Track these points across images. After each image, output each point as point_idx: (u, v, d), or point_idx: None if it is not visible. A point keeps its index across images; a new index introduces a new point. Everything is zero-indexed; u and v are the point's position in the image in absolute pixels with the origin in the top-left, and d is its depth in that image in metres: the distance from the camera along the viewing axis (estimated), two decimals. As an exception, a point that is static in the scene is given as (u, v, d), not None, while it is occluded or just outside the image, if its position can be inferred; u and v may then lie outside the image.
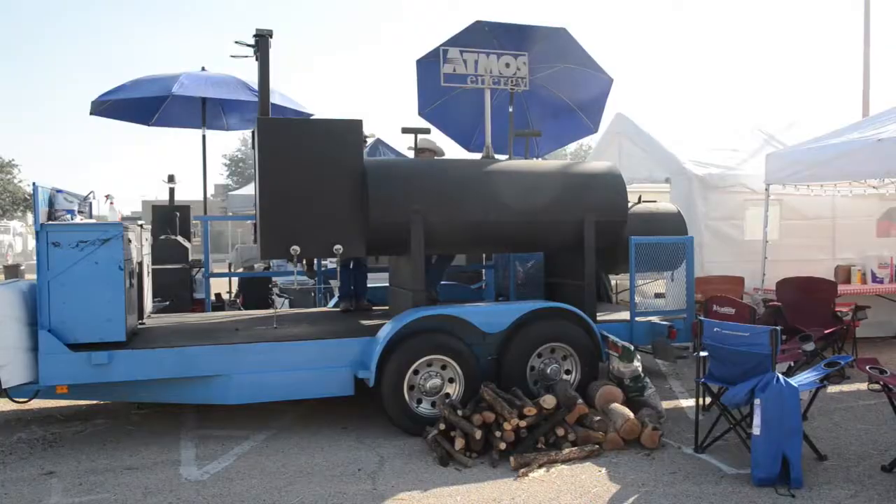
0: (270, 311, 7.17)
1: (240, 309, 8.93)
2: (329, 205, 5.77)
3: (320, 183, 5.74)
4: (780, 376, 4.59)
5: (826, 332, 7.19)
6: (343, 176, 5.80)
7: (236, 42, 6.80)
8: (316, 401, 6.03)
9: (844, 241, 9.34)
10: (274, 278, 9.78)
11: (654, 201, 7.70)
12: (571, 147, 42.08)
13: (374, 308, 7.49)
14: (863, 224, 9.46)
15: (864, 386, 6.87)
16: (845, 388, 6.97)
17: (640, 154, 9.95)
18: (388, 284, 7.30)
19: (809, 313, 7.42)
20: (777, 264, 8.42)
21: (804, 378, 4.92)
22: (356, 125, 5.87)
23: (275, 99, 8.34)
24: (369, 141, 12.43)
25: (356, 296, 7.50)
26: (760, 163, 8.53)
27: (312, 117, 9.26)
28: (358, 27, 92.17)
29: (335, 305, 7.79)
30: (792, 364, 5.92)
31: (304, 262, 8.05)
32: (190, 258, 8.60)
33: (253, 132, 6.26)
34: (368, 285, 7.75)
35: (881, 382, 4.78)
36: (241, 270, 12.35)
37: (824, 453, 4.99)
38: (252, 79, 9.01)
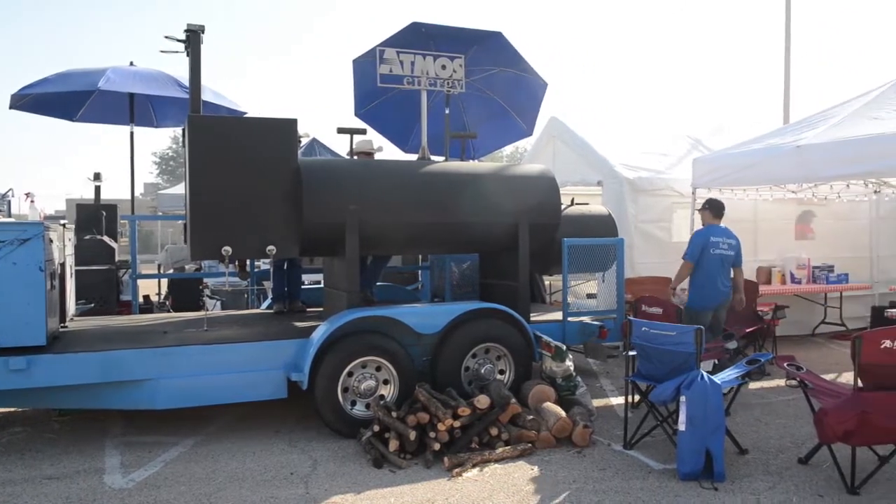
0: (201, 314, 7.01)
1: (169, 311, 8.71)
2: (262, 205, 5.68)
3: (253, 182, 5.64)
4: (705, 374, 4.75)
5: (748, 330, 7.49)
6: (276, 175, 5.71)
7: (166, 37, 6.61)
8: (248, 404, 5.93)
9: (765, 243, 9.73)
10: (205, 280, 9.56)
11: (587, 204, 7.86)
12: (507, 149, 42.52)
13: (309, 309, 7.41)
14: (782, 227, 9.87)
15: (782, 382, 7.19)
16: (765, 384, 7.27)
17: (573, 157, 10.13)
18: (322, 285, 7.23)
19: (732, 313, 7.71)
20: (703, 266, 8.68)
21: (727, 375, 5.11)
22: (290, 124, 5.80)
23: (206, 96, 8.15)
24: (304, 141, 12.28)
25: (290, 297, 7.40)
26: (688, 167, 8.81)
27: (245, 116, 9.09)
28: (289, 29, 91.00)
29: (268, 307, 7.67)
30: (716, 362, 6.13)
31: (237, 263, 7.91)
32: (116, 259, 8.32)
33: (183, 130, 6.11)
34: (303, 286, 7.66)
35: (798, 379, 5.00)
36: (170, 272, 12.04)
37: (745, 447, 5.19)
38: (183, 75, 8.79)
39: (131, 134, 9.90)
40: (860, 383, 4.43)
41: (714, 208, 7.01)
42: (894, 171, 6.97)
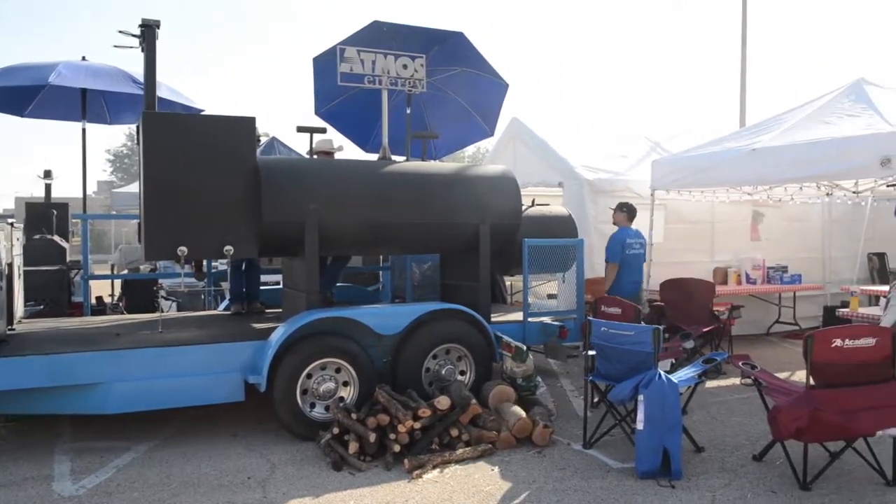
0: (155, 315, 6.85)
1: (122, 313, 8.50)
2: (219, 204, 5.57)
3: (210, 181, 5.54)
4: (662, 373, 4.81)
5: (704, 330, 7.61)
6: (234, 174, 5.61)
7: (120, 32, 6.47)
8: (204, 408, 5.80)
9: (722, 244, 9.90)
10: (160, 280, 9.36)
11: (547, 204, 7.90)
12: (469, 150, 42.67)
13: (268, 311, 7.30)
14: (738, 228, 10.05)
15: (738, 381, 7.32)
16: (721, 382, 7.39)
17: (534, 158, 10.18)
18: (281, 286, 7.14)
19: (690, 313, 7.84)
20: (661, 266, 8.82)
21: (684, 374, 5.18)
22: (248, 122, 5.71)
23: (161, 92, 7.97)
24: (264, 140, 12.13)
25: (248, 298, 7.29)
26: (647, 169, 8.91)
27: (203, 113, 8.92)
28: (250, 28, 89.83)
29: (226, 308, 7.54)
30: (673, 361, 6.20)
31: (193, 263, 7.76)
32: (68, 259, 8.10)
33: (138, 126, 5.97)
34: (262, 287, 7.55)
35: (752, 377, 5.09)
36: (124, 272, 11.79)
37: (702, 445, 5.26)
38: (138, 70, 8.60)
39: (83, 130, 9.65)
40: (812, 381, 4.52)
41: (629, 211, 7.70)
42: (844, 175, 7.16)
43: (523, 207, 6.96)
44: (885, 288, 6.83)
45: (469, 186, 6.49)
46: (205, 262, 7.79)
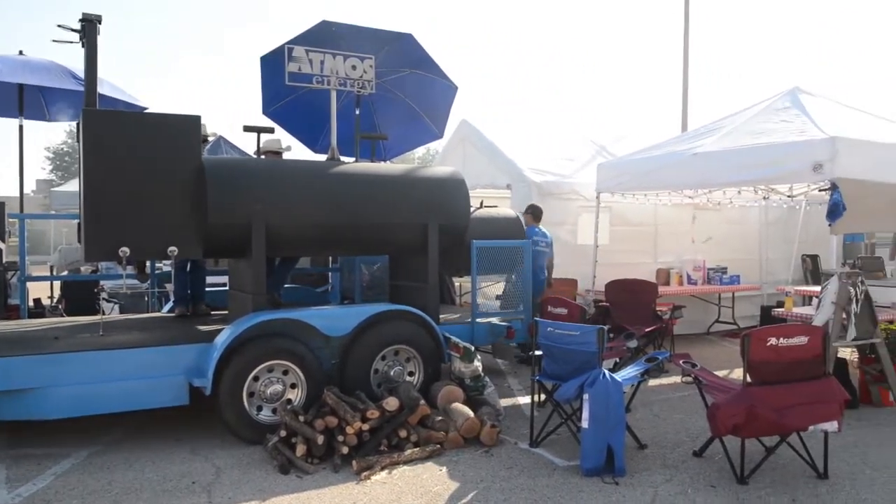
0: (96, 318, 6.67)
1: (62, 315, 8.26)
2: (163, 204, 5.47)
3: (153, 180, 5.44)
4: (606, 372, 4.92)
5: (647, 330, 7.80)
6: (178, 174, 5.52)
7: (59, 26, 6.29)
8: (147, 412, 5.68)
9: (664, 246, 10.16)
10: (101, 282, 9.12)
11: (496, 206, 7.98)
12: (419, 151, 42.64)
13: (213, 312, 7.19)
14: (680, 230, 10.33)
15: (679, 379, 7.52)
16: (664, 381, 7.59)
17: (483, 160, 10.28)
18: (227, 287, 7.03)
19: (634, 313, 8.02)
20: (606, 267, 9.01)
21: (627, 373, 5.31)
22: (193, 121, 5.62)
23: (103, 89, 7.78)
24: (211, 140, 11.92)
25: (193, 300, 7.16)
26: (592, 172, 9.09)
27: (146, 111, 8.73)
28: (196, 26, 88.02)
29: (170, 310, 7.39)
30: (618, 360, 6.35)
31: (136, 264, 7.59)
32: (4, 260, 7.83)
33: (78, 124, 5.81)
34: (207, 289, 7.43)
35: (692, 375, 5.25)
36: (64, 273, 11.44)
37: (645, 442, 5.40)
38: (78, 66, 8.36)
39: (20, 127, 9.34)
40: (749, 379, 4.69)
41: (535, 213, 8.28)
42: (779, 179, 7.43)
43: (472, 209, 7.01)
44: (818, 288, 7.11)
45: (418, 188, 6.51)
46: (148, 264, 7.63)
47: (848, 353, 7.24)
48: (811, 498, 4.42)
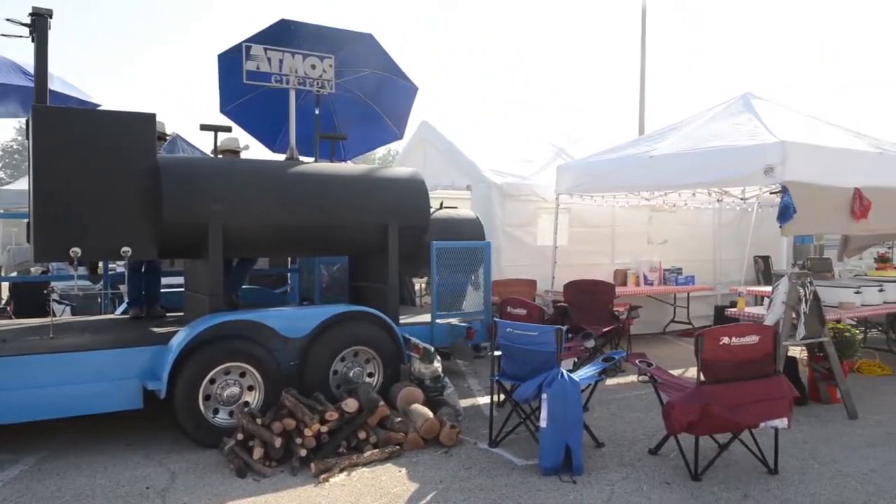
0: (46, 320, 6.50)
1: (10, 317, 8.02)
2: (116, 203, 5.36)
3: (106, 179, 5.32)
4: (565, 372, 4.97)
5: (605, 330, 7.90)
6: (132, 172, 5.41)
7: (8, 20, 6.10)
8: (100, 417, 5.56)
9: (622, 247, 10.31)
10: (52, 283, 8.88)
11: (455, 207, 8.00)
12: (380, 152, 42.53)
13: (169, 314, 7.06)
14: (637, 232, 10.49)
15: (636, 378, 7.63)
16: (621, 380, 7.69)
17: (443, 161, 10.29)
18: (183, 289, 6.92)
19: (592, 313, 8.12)
20: (565, 268, 9.11)
21: (585, 373, 5.37)
22: (148, 118, 5.51)
23: (54, 85, 7.58)
24: (168, 138, 11.70)
25: (148, 301, 7.02)
26: (551, 174, 9.18)
27: (99, 108, 8.53)
28: (152, 22, 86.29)
29: (124, 312, 7.24)
30: (576, 360, 6.42)
31: (88, 265, 7.41)
32: (-53, 261, 7.57)
33: (28, 121, 5.65)
34: (163, 290, 7.29)
35: (648, 374, 5.34)
36: (13, 274, 11.12)
37: (602, 441, 5.47)
38: (28, 61, 8.13)
39: (-34, 124, 9.05)
40: (702, 377, 4.78)
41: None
42: (732, 182, 7.61)
43: (432, 210, 7.02)
44: (769, 289, 7.29)
45: (377, 188, 6.50)
46: (101, 264, 7.46)
47: (798, 352, 7.44)
48: (762, 493, 4.53)
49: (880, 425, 6.05)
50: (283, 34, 7.23)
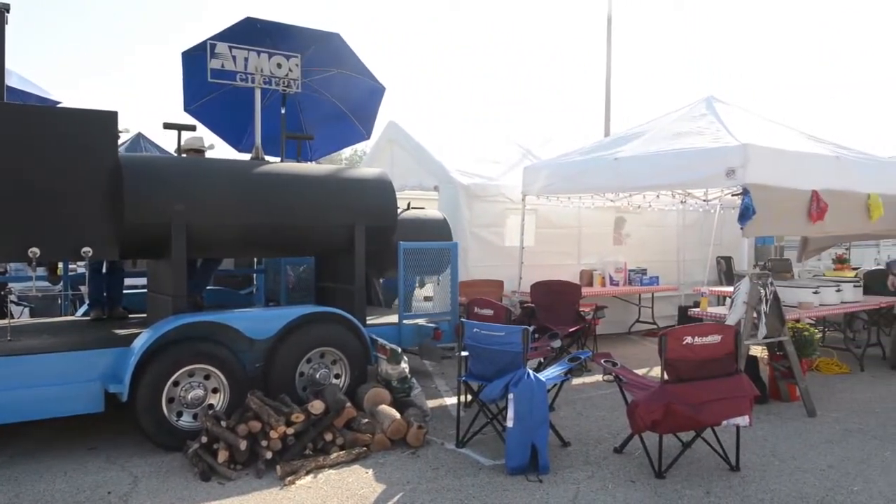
0: (3, 322, 6.34)
1: (-35, 319, 7.79)
2: (76, 203, 5.25)
3: (66, 178, 5.20)
4: (531, 372, 5.00)
5: (571, 330, 7.96)
6: (93, 171, 5.30)
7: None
8: (60, 421, 5.44)
9: (588, 248, 10.41)
10: (9, 284, 8.67)
11: (422, 208, 8.00)
12: (347, 152, 42.11)
13: (132, 316, 6.94)
14: (602, 233, 10.61)
15: (601, 377, 7.71)
16: (586, 379, 7.77)
17: (411, 162, 10.28)
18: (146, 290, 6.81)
19: (558, 313, 8.18)
20: (532, 269, 9.17)
21: (551, 372, 5.41)
22: (109, 116, 5.41)
23: (12, 81, 7.41)
24: (128, 136, 11.52)
25: (110, 303, 6.89)
26: (519, 175, 9.23)
27: (59, 106, 8.36)
28: (113, 16, 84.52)
29: (85, 314, 7.09)
30: (542, 360, 6.47)
31: (48, 265, 7.25)
32: None
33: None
34: (125, 291, 7.16)
35: (613, 374, 5.40)
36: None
37: (568, 440, 5.52)
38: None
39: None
40: (666, 376, 4.85)
41: None
42: (695, 184, 7.73)
43: (399, 210, 7.01)
44: (731, 289, 7.42)
45: (344, 189, 6.47)
46: (60, 265, 7.30)
47: (759, 351, 7.59)
48: (724, 490, 4.61)
49: (838, 422, 6.20)
50: (248, 32, 7.17)
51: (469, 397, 6.14)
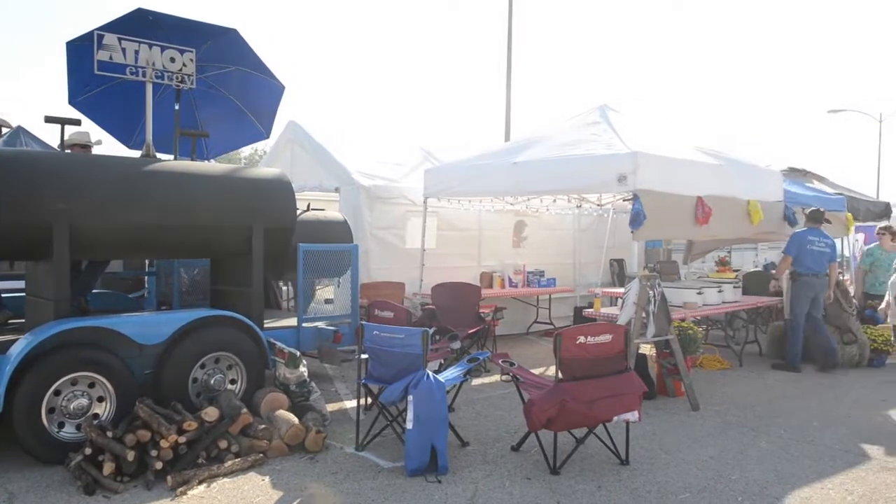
0: None
1: None
2: (-56, 201, 4.87)
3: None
4: (430, 373, 5.03)
5: (471, 331, 8.08)
6: (-36, 167, 4.93)
7: None
8: (-78, 435, 5.04)
9: (488, 251, 10.59)
10: None
11: (323, 209, 7.90)
12: (246, 151, 41.15)
13: (11, 321, 6.49)
14: (502, 236, 10.82)
15: (500, 377, 7.86)
16: (486, 380, 7.90)
17: (311, 162, 10.14)
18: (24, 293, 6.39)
19: (459, 315, 8.28)
20: (434, 271, 9.23)
21: (450, 374, 5.46)
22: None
23: None
24: (6, 130, 10.76)
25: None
26: (420, 177, 9.28)
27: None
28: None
29: (-46, 320, 6.58)
30: (442, 361, 6.52)
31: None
32: None
33: None
34: (4, 295, 6.70)
35: (511, 374, 5.52)
36: None
37: (467, 440, 5.59)
38: None
39: None
40: (560, 375, 5.00)
41: (812, 217, 8.92)
42: (589, 189, 8.04)
43: (298, 212, 6.90)
44: (623, 290, 7.73)
45: (241, 189, 6.29)
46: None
47: (647, 349, 7.94)
48: (615, 483, 4.80)
49: (718, 415, 6.57)
50: (140, 24, 6.85)
51: (369, 400, 6.11)
